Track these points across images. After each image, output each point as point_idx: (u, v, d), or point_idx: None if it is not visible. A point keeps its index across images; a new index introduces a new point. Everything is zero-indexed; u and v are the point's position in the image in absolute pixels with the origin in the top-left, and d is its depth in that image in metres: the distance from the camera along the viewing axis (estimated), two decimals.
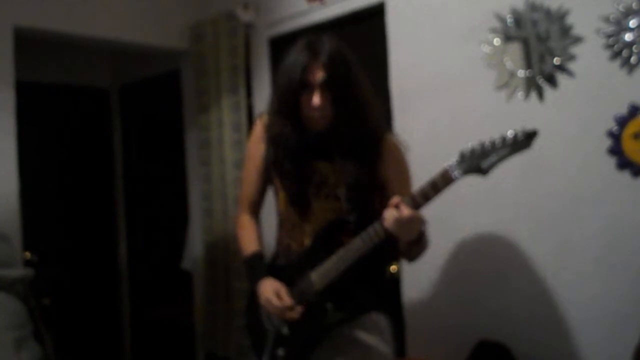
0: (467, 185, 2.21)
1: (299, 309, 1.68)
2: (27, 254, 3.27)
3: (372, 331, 1.77)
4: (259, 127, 1.89)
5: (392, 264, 2.49)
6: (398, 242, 1.62)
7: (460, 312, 2.29)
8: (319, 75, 1.65)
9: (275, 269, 1.81)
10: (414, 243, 1.62)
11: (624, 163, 1.90)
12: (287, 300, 1.68)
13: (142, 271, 4.12)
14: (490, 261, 2.22)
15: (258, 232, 1.91)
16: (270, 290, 1.71)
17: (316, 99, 1.65)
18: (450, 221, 2.31)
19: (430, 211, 2.33)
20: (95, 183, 4.17)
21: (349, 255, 1.63)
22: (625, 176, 1.90)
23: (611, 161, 1.93)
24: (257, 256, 1.84)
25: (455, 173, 1.49)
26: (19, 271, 2.31)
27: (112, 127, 4.26)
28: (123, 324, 4.20)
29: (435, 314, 2.37)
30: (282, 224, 1.87)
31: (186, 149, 3.54)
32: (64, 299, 3.71)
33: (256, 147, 1.87)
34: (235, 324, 3.05)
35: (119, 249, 4.21)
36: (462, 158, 1.47)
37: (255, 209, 1.94)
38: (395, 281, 2.50)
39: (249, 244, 1.86)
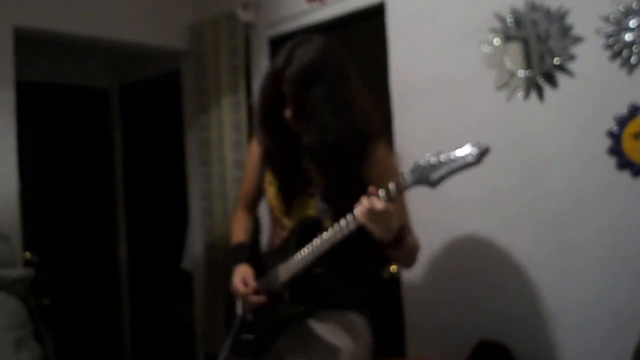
0: (468, 185, 2.22)
1: (261, 297, 1.75)
2: (27, 254, 3.27)
3: (338, 329, 1.78)
4: None
5: (382, 266, 2.50)
6: (376, 241, 1.61)
7: (460, 312, 2.29)
8: (286, 89, 1.69)
9: (256, 261, 1.87)
10: (392, 246, 1.60)
11: (624, 163, 1.90)
12: (251, 285, 1.76)
13: (142, 271, 4.12)
14: (490, 261, 2.22)
15: (249, 226, 2.00)
16: (239, 275, 1.79)
17: (287, 112, 1.71)
18: (451, 221, 2.31)
19: (431, 211, 2.35)
20: (95, 183, 4.17)
21: (311, 251, 1.67)
22: (625, 176, 1.90)
23: (611, 161, 1.93)
24: (240, 245, 1.93)
25: (407, 183, 1.48)
26: (19, 271, 2.31)
27: (112, 127, 4.26)
28: (123, 324, 4.20)
29: (435, 314, 2.37)
30: (271, 221, 1.95)
31: (186, 149, 3.53)
32: (64, 299, 3.71)
33: (254, 147, 1.95)
34: None
35: (119, 249, 4.21)
36: (415, 168, 1.46)
37: (251, 206, 2.02)
38: (395, 281, 2.51)
39: (236, 235, 1.96)
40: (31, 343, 2.17)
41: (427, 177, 1.44)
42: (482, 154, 1.37)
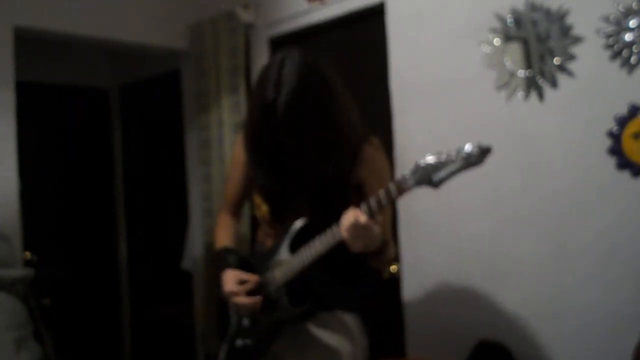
0: (469, 185, 2.22)
1: (257, 298, 1.73)
2: (27, 254, 3.27)
3: (335, 330, 1.80)
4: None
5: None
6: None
7: (460, 312, 2.29)
8: (283, 117, 1.63)
9: (246, 262, 1.86)
10: (370, 257, 1.64)
11: (624, 163, 1.90)
12: (248, 285, 1.75)
13: (142, 271, 4.12)
14: (490, 262, 2.22)
15: (234, 230, 2.00)
16: (232, 278, 1.77)
17: (283, 138, 1.67)
18: (451, 221, 2.31)
19: (431, 212, 2.35)
20: (95, 183, 4.17)
21: (308, 255, 1.66)
22: (625, 176, 1.90)
23: (611, 161, 1.93)
24: (227, 250, 1.91)
25: (408, 184, 1.47)
26: (19, 271, 2.31)
27: (112, 127, 4.26)
28: (123, 324, 4.20)
29: (435, 314, 2.37)
30: (260, 221, 1.93)
31: (186, 149, 3.53)
32: (64, 299, 3.71)
33: (240, 153, 1.91)
34: None
35: (119, 249, 4.21)
36: (416, 169, 1.45)
37: (236, 209, 2.02)
38: (395, 281, 2.51)
39: (222, 240, 1.95)
40: (31, 343, 2.18)
41: (429, 178, 1.44)
42: (484, 154, 1.38)
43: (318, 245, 1.64)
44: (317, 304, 1.77)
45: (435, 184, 1.44)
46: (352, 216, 1.51)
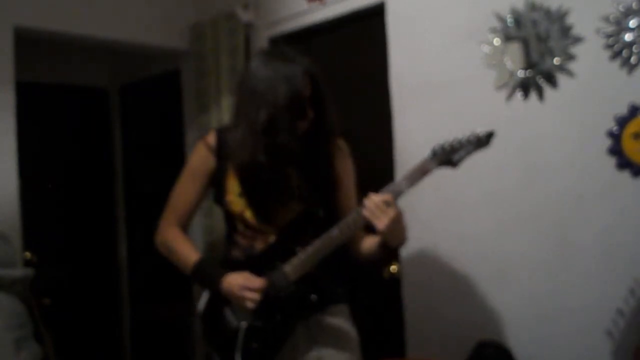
0: (469, 185, 2.22)
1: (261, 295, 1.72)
2: (27, 254, 3.27)
3: (342, 317, 1.86)
4: (210, 141, 1.88)
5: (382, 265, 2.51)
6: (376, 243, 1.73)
7: (461, 312, 2.29)
8: (308, 88, 1.75)
9: (233, 265, 1.82)
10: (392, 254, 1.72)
11: (624, 163, 1.90)
12: (260, 281, 1.72)
13: (142, 271, 4.12)
14: (490, 261, 2.22)
15: (193, 243, 1.92)
16: (241, 278, 1.73)
17: (310, 112, 1.77)
18: (451, 221, 2.31)
19: (432, 212, 2.35)
20: (95, 183, 4.17)
21: (326, 245, 1.68)
22: (625, 176, 1.90)
23: (611, 161, 1.93)
24: (207, 260, 1.86)
25: (431, 165, 1.63)
26: (19, 271, 2.31)
27: (112, 127, 4.26)
28: (123, 324, 4.20)
29: (435, 314, 2.37)
30: (236, 228, 1.87)
31: (186, 149, 3.54)
32: (64, 299, 3.71)
33: (203, 160, 1.89)
34: None
35: (119, 249, 4.21)
36: (435, 153, 1.64)
37: (186, 223, 1.95)
38: (395, 281, 2.51)
39: (191, 253, 1.87)
40: (31, 343, 2.18)
41: (449, 158, 1.63)
42: (490, 136, 1.62)
43: (337, 234, 1.67)
44: (334, 298, 1.83)
45: (455, 163, 1.63)
46: (376, 196, 1.61)
